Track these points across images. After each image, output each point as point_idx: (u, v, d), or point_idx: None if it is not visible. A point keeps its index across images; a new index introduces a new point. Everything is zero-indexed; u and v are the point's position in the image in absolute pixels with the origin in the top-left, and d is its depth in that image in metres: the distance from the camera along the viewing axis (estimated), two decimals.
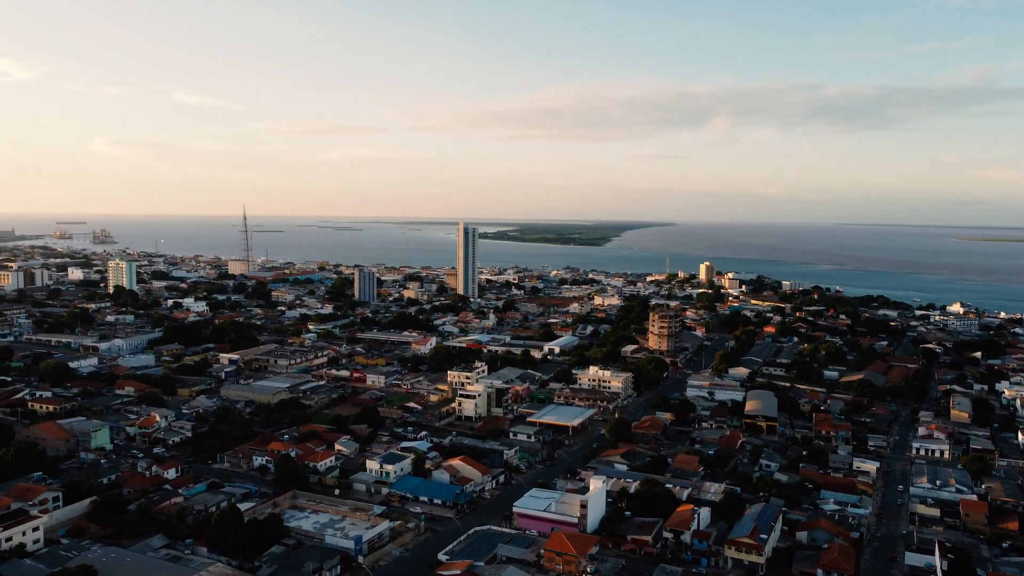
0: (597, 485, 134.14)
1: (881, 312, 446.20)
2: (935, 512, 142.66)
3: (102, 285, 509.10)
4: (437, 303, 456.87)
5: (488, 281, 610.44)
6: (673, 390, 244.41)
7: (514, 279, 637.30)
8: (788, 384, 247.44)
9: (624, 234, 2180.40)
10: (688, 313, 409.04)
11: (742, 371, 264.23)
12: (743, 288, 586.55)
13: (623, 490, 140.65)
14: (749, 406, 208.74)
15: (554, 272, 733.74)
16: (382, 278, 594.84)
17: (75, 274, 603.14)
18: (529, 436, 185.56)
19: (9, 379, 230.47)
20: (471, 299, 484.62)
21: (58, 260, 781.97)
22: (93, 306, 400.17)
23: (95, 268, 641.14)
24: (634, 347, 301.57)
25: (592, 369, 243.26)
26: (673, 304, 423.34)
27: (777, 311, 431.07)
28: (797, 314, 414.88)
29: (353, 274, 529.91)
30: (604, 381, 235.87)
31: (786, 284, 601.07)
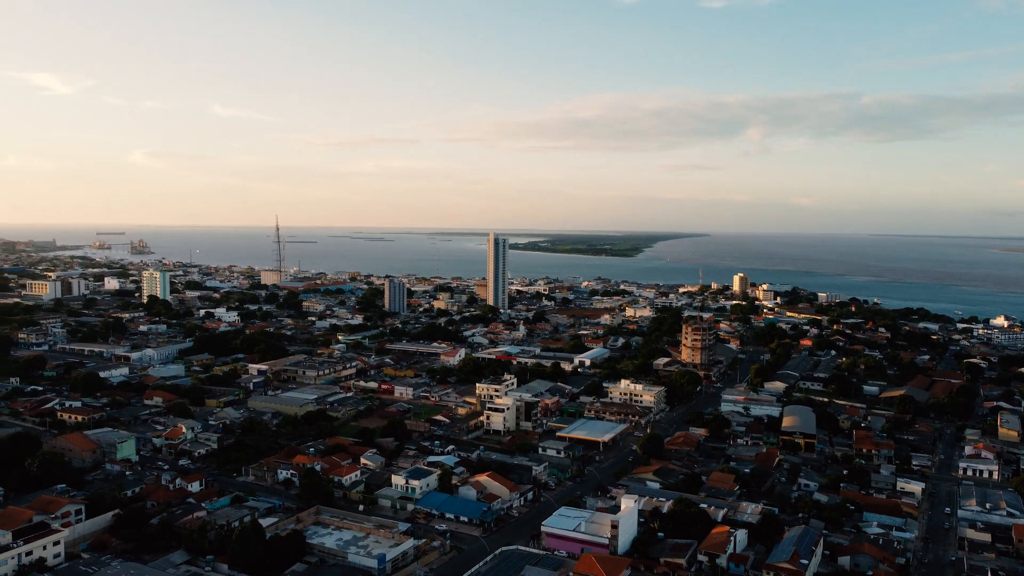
0: (629, 504, 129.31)
1: (921, 325, 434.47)
2: (985, 537, 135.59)
3: (137, 295, 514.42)
4: (467, 314, 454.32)
5: (518, 292, 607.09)
6: (707, 405, 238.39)
7: (544, 290, 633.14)
8: (826, 399, 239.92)
9: (656, 245, 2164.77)
10: (722, 325, 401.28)
11: (778, 385, 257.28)
12: (778, 300, 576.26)
13: (656, 510, 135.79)
14: (786, 422, 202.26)
15: (585, 283, 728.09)
16: (412, 288, 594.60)
17: (111, 284, 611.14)
18: (559, 451, 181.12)
19: (40, 388, 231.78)
20: (501, 310, 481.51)
21: (96, 270, 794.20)
22: (127, 316, 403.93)
23: (131, 278, 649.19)
24: (666, 360, 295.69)
25: (623, 382, 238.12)
26: (706, 316, 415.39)
27: (813, 324, 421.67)
28: (834, 327, 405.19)
29: (384, 284, 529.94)
30: (636, 395, 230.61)
31: (822, 296, 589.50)
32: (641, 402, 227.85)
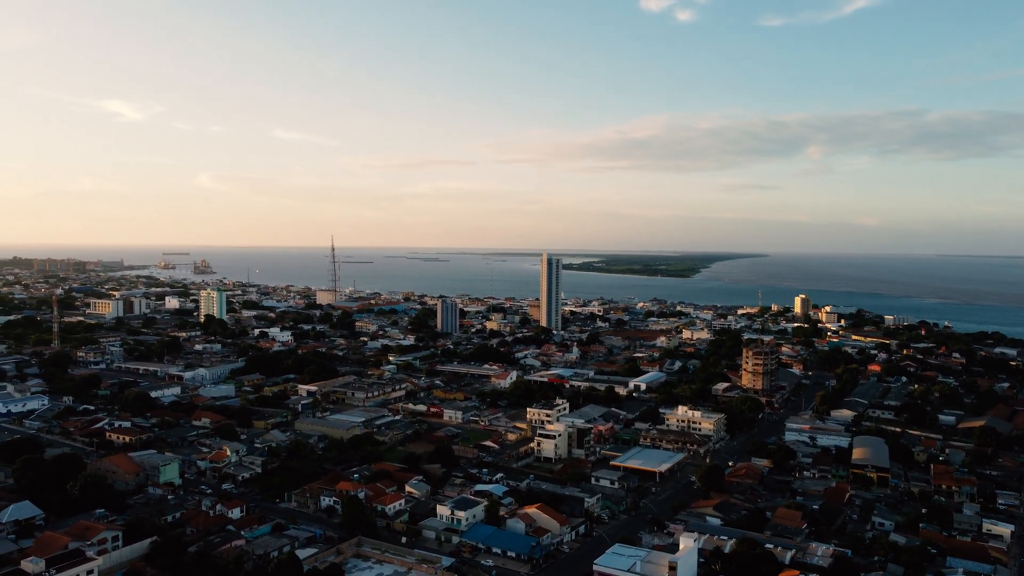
0: (688, 544, 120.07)
1: (998, 350, 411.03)
2: None
3: (195, 314, 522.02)
4: (519, 335, 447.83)
5: (572, 313, 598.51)
6: (769, 433, 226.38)
7: (599, 311, 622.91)
8: (898, 429, 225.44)
9: (713, 265, 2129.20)
10: (784, 349, 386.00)
11: (846, 414, 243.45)
12: (842, 322, 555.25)
13: (717, 549, 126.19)
14: (856, 454, 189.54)
15: (640, 304, 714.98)
16: (465, 309, 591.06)
17: (171, 303, 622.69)
18: (612, 482, 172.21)
19: (92, 408, 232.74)
20: (554, 331, 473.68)
21: (158, 289, 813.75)
22: (184, 335, 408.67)
23: (191, 297, 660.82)
24: (726, 385, 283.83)
25: (681, 409, 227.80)
26: (767, 339, 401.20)
27: (881, 348, 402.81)
28: (904, 351, 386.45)
29: (437, 305, 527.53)
30: (694, 422, 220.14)
31: (889, 319, 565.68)
32: (700, 430, 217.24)
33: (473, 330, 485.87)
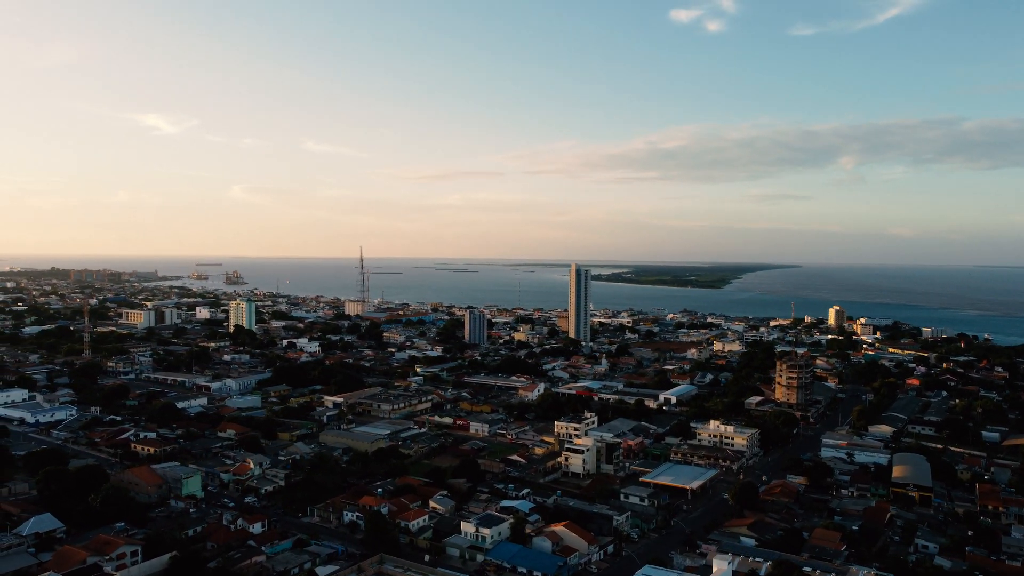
0: (722, 567, 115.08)
1: None
2: None
3: (225, 324, 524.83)
4: (547, 346, 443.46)
5: (601, 324, 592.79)
6: (804, 449, 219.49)
7: (628, 322, 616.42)
8: (940, 446, 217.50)
9: (744, 276, 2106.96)
10: (818, 361, 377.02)
11: (884, 429, 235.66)
12: (877, 335, 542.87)
13: (752, 572, 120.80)
14: (897, 472, 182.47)
15: (670, 315, 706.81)
16: (493, 320, 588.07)
17: (203, 313, 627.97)
18: (642, 499, 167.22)
19: (119, 418, 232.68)
20: (583, 343, 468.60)
21: (190, 299, 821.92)
22: (213, 345, 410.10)
23: (222, 308, 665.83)
24: (759, 399, 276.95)
25: (712, 423, 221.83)
26: (801, 351, 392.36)
27: (920, 361, 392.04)
28: (943, 365, 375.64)
29: (464, 315, 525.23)
30: (726, 437, 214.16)
31: (926, 331, 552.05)
32: (732, 445, 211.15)
33: (501, 341, 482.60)
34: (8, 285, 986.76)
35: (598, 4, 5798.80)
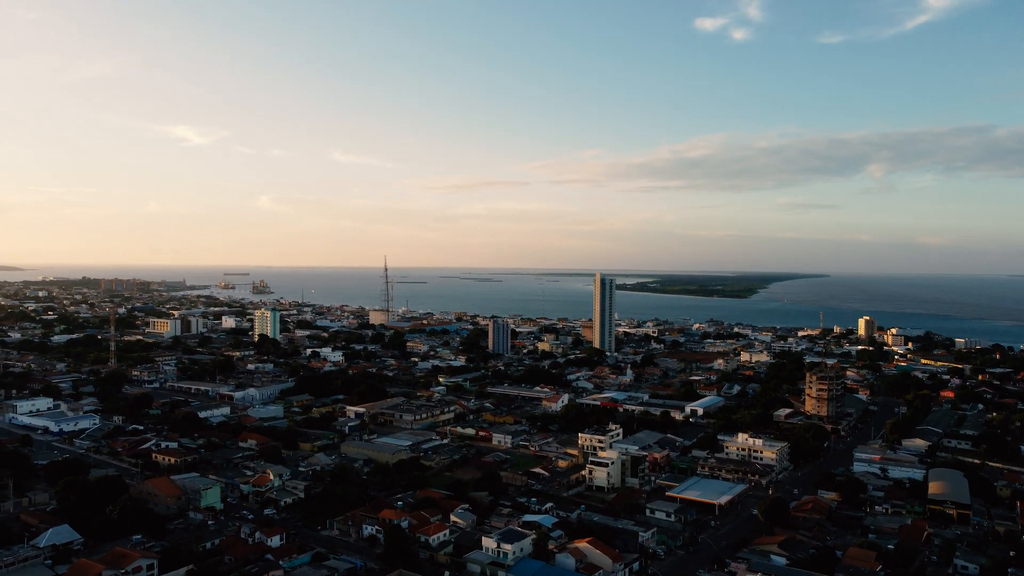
0: None
1: None
2: None
3: (250, 333, 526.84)
4: (572, 356, 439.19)
5: (626, 334, 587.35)
6: (836, 463, 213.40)
7: (653, 332, 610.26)
8: (978, 461, 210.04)
9: (771, 286, 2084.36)
10: (848, 373, 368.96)
11: (919, 443, 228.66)
12: (909, 345, 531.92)
13: None
14: (933, 488, 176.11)
15: (696, 325, 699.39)
16: (517, 329, 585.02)
17: (228, 322, 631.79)
18: (668, 514, 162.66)
19: (141, 428, 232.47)
20: (607, 353, 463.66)
21: (217, 309, 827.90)
22: (237, 354, 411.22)
23: (247, 317, 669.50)
24: (788, 411, 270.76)
25: (741, 436, 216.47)
26: (830, 362, 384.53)
27: (954, 372, 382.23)
28: (979, 377, 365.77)
29: (488, 325, 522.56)
30: (755, 450, 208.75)
31: (960, 341, 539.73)
32: (761, 459, 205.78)
33: (525, 351, 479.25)
34: (40, 294, 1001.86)
35: (623, 14, 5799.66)
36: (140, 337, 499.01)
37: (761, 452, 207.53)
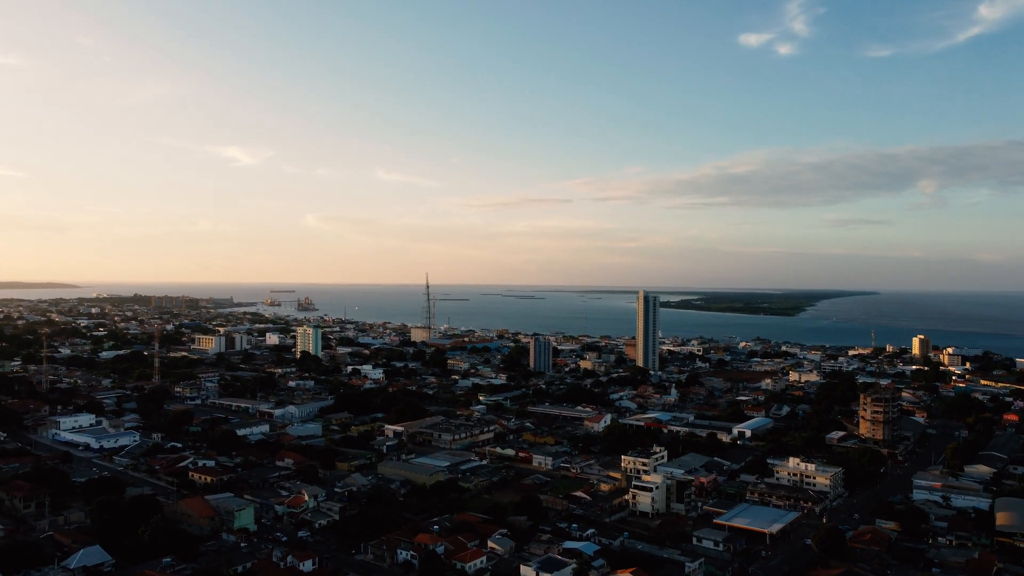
0: None
1: None
2: None
3: (293, 350, 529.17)
4: (614, 375, 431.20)
5: (670, 352, 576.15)
6: (893, 490, 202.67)
7: (698, 350, 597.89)
8: None
9: (819, 303, 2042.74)
10: (904, 394, 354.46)
11: (982, 470, 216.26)
12: (967, 365, 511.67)
13: None
14: (1001, 519, 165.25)
15: (742, 343, 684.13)
16: (559, 347, 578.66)
17: (272, 339, 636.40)
18: (716, 543, 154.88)
19: (180, 445, 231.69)
20: (651, 371, 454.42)
21: (261, 325, 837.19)
22: (279, 371, 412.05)
23: (291, 334, 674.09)
24: (841, 434, 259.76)
25: (792, 460, 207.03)
26: (884, 383, 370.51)
27: (1017, 395, 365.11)
28: None
29: (530, 343, 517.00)
30: (807, 476, 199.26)
31: (1020, 362, 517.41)
32: (814, 485, 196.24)
33: (567, 369, 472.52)
34: (93, 311, 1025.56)
35: (667, 31, 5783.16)
36: (185, 353, 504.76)
37: (814, 477, 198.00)
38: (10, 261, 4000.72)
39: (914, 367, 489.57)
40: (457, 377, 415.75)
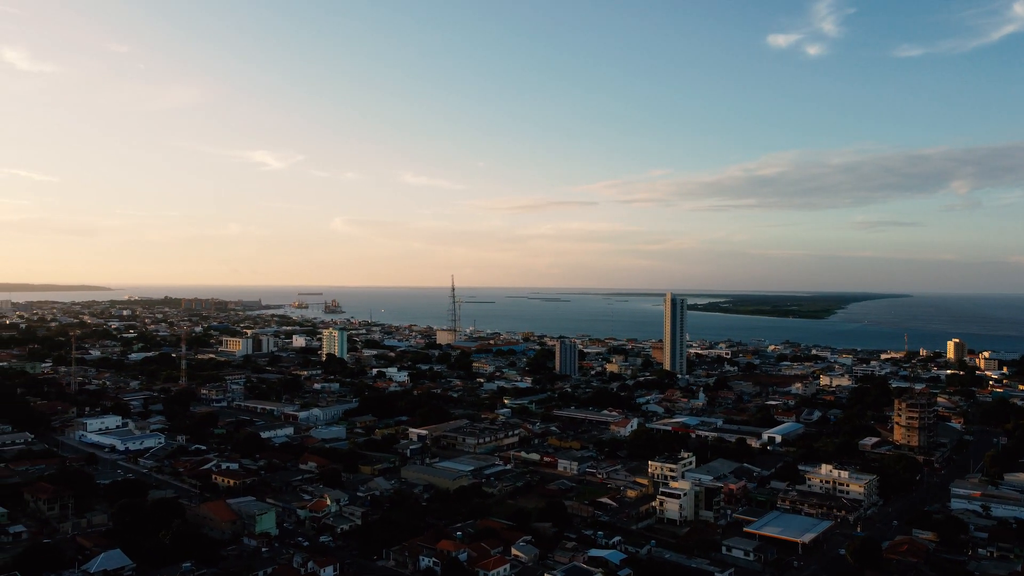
0: None
1: None
2: None
3: (319, 352, 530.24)
4: (641, 379, 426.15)
5: (697, 355, 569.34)
6: (930, 499, 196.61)
7: (726, 354, 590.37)
8: None
9: (849, 306, 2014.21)
10: (939, 399, 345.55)
11: (1023, 478, 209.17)
12: (1004, 370, 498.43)
13: None
14: None
15: (771, 347, 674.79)
16: (585, 350, 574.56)
17: (298, 341, 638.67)
18: (747, 553, 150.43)
19: (204, 448, 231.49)
20: (678, 375, 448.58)
21: (288, 328, 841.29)
22: (305, 373, 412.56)
23: (317, 336, 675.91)
24: (875, 440, 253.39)
25: (825, 467, 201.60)
26: (918, 388, 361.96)
27: None
28: None
29: (555, 345, 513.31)
30: (841, 483, 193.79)
31: None
32: (847, 493, 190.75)
33: (592, 372, 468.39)
34: (124, 313, 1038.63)
35: (693, 32, 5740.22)
36: (213, 355, 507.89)
37: (848, 485, 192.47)
38: (45, 264, 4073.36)
39: (949, 371, 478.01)
40: (482, 380, 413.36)
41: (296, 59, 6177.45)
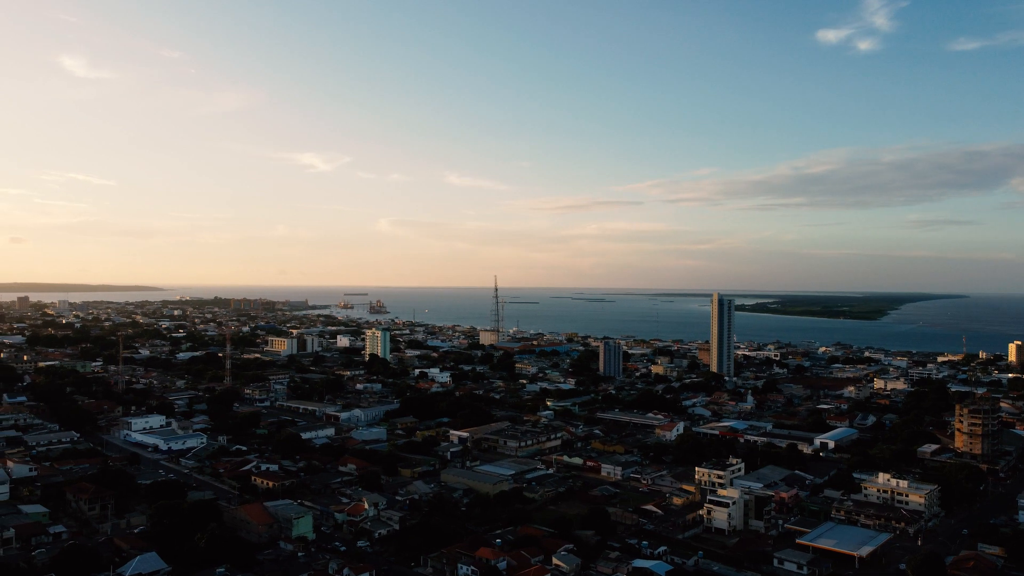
0: None
1: None
2: None
3: (362, 353, 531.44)
4: (687, 381, 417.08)
5: (745, 357, 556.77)
6: (995, 511, 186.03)
7: (775, 356, 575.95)
8: None
9: (903, 307, 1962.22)
10: (1002, 404, 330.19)
11: None
12: None
13: None
14: None
15: (822, 348, 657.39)
16: (629, 351, 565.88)
17: (343, 341, 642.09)
18: (800, 566, 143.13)
19: (245, 448, 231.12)
20: (726, 377, 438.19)
21: (333, 328, 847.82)
22: (348, 373, 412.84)
23: (361, 336, 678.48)
24: (935, 447, 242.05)
25: (882, 476, 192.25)
26: (979, 392, 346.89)
27: None
28: None
29: (599, 346, 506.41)
30: (899, 493, 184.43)
31: None
32: (907, 504, 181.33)
33: (637, 374, 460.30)
34: (175, 313, 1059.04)
35: (740, 28, 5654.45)
36: (258, 355, 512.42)
37: (907, 495, 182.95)
38: (101, 265, 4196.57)
39: (1011, 375, 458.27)
40: (525, 381, 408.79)
41: (342, 63, 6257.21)
